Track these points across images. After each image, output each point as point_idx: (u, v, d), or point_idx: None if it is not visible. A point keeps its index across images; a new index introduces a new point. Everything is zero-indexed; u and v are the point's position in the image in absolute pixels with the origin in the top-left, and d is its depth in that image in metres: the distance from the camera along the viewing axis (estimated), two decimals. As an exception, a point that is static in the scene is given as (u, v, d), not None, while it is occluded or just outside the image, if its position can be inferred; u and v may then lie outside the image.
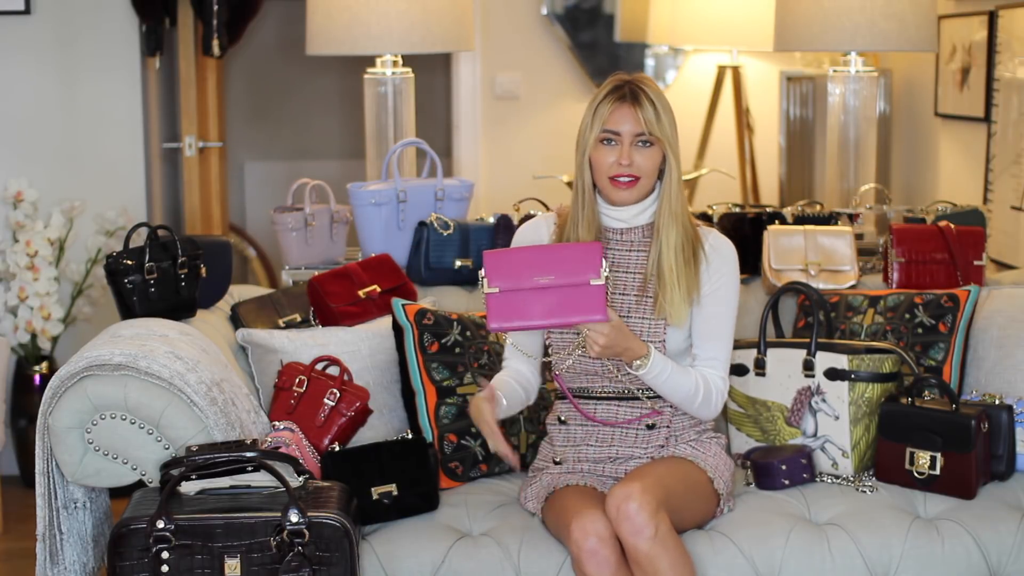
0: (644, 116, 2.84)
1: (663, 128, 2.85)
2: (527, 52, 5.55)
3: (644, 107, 2.84)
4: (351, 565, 2.60)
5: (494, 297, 2.72)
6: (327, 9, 3.95)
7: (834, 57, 4.88)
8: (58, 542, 2.84)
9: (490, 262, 2.73)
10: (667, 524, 2.70)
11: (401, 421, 3.21)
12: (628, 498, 2.68)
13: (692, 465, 2.89)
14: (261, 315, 3.35)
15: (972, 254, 3.51)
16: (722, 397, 2.93)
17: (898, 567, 2.85)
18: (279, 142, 7.02)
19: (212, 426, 2.77)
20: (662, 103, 2.86)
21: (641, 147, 2.86)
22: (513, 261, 2.73)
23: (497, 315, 2.72)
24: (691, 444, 2.94)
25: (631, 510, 2.67)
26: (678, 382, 2.85)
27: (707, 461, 2.91)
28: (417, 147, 3.96)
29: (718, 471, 2.91)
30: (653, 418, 2.92)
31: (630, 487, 2.70)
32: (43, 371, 4.72)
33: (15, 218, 4.64)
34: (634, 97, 2.85)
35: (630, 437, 2.93)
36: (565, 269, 2.71)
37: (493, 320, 2.72)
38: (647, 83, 2.88)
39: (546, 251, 2.77)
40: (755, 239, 3.60)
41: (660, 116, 2.85)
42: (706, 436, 2.98)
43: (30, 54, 4.76)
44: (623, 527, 2.68)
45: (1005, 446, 3.04)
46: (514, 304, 2.72)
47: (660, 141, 2.85)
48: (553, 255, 2.74)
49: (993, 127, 4.28)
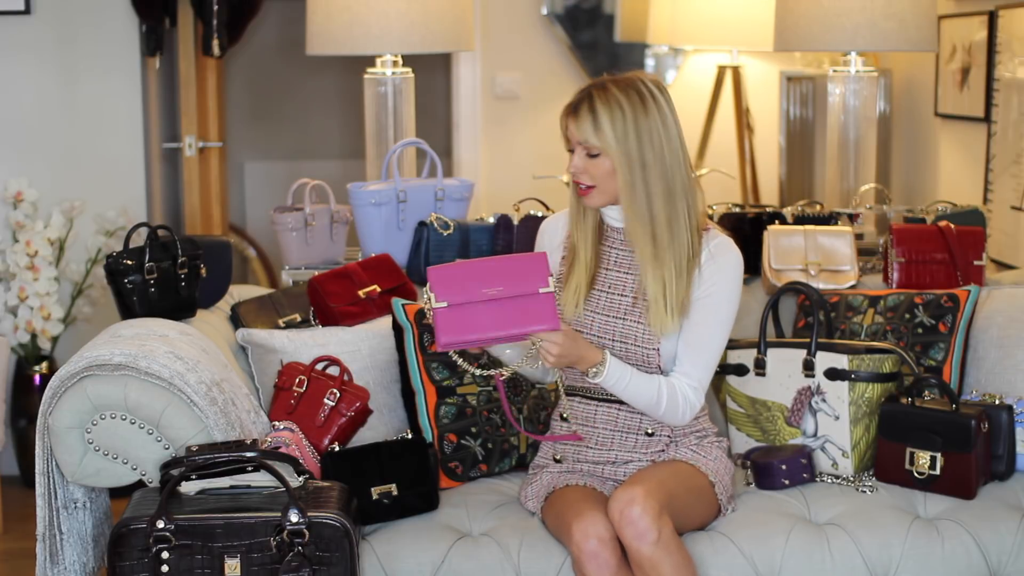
0: (580, 127, 2.80)
1: (604, 138, 2.78)
2: (527, 52, 5.55)
3: (581, 118, 2.79)
4: (351, 565, 2.60)
5: (442, 312, 2.65)
6: (327, 9, 3.95)
7: (834, 57, 4.88)
8: (58, 542, 2.84)
9: (435, 277, 2.68)
10: (670, 528, 2.69)
11: (401, 421, 3.21)
12: (631, 502, 2.67)
13: (693, 469, 2.88)
14: (261, 315, 3.35)
15: (972, 254, 3.51)
16: (691, 408, 2.86)
17: (898, 567, 2.85)
18: (279, 142, 7.02)
19: (212, 426, 2.77)
20: (612, 113, 2.77)
21: (589, 157, 2.82)
22: (459, 275, 2.69)
23: (446, 330, 2.65)
24: (692, 448, 2.93)
25: (634, 514, 2.66)
26: (639, 389, 2.81)
27: (708, 465, 2.90)
28: (417, 147, 3.96)
29: (719, 475, 2.90)
30: (653, 425, 2.92)
31: (633, 491, 2.70)
32: (43, 371, 4.72)
33: (15, 218, 4.64)
34: (576, 108, 2.81)
35: (629, 442, 2.92)
36: (512, 280, 2.69)
37: (443, 335, 2.64)
38: (605, 91, 2.79)
39: (491, 263, 2.74)
40: (755, 239, 3.60)
41: (601, 126, 2.78)
42: (707, 440, 2.97)
43: (30, 54, 4.76)
44: (626, 531, 2.67)
45: (1005, 446, 3.04)
46: (463, 318, 2.66)
47: (604, 152, 2.80)
48: (499, 266, 2.71)
49: (993, 127, 4.28)
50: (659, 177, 2.80)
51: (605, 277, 2.93)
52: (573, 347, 2.73)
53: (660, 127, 2.80)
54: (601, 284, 2.93)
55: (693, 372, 2.86)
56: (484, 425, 3.13)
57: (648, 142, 2.79)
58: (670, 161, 2.81)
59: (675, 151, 2.83)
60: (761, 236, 3.58)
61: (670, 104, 2.85)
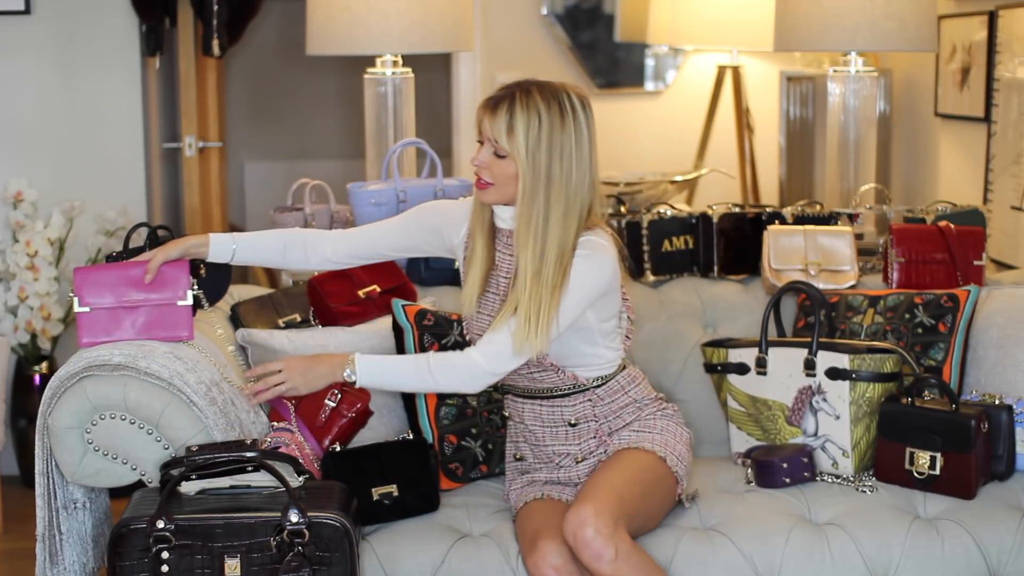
0: (494, 126, 2.73)
1: (515, 143, 2.71)
2: (527, 52, 5.54)
3: (497, 117, 2.72)
4: (351, 565, 2.60)
5: (84, 316, 2.85)
6: (327, 9, 3.95)
7: (834, 57, 4.88)
8: (58, 542, 2.84)
9: (81, 279, 2.86)
10: (627, 542, 2.66)
11: (401, 421, 3.21)
12: (582, 524, 2.64)
13: (640, 453, 2.83)
14: (261, 315, 3.35)
15: (972, 254, 3.51)
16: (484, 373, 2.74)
17: (898, 567, 2.85)
18: (279, 142, 7.03)
19: (212, 426, 2.77)
20: (529, 120, 2.70)
21: (496, 156, 2.76)
22: (104, 279, 2.86)
23: (88, 331, 2.86)
24: (632, 429, 2.89)
25: (588, 536, 2.63)
26: (399, 374, 2.79)
27: (654, 441, 2.85)
28: (417, 147, 3.96)
29: (668, 447, 2.85)
30: (575, 416, 2.89)
31: (583, 512, 2.65)
32: (43, 371, 4.72)
33: (15, 218, 4.64)
34: (495, 104, 2.75)
35: (560, 435, 2.91)
36: (155, 288, 2.86)
37: (84, 336, 2.85)
38: (527, 95, 2.73)
39: (137, 269, 2.87)
40: (755, 239, 3.60)
41: (515, 130, 2.70)
42: (648, 412, 2.92)
43: (30, 54, 4.76)
44: (583, 554, 2.64)
45: (1005, 446, 3.04)
46: (105, 322, 2.86)
47: (511, 156, 2.73)
48: (143, 274, 2.86)
49: (993, 127, 4.28)
50: (561, 194, 2.73)
51: (495, 278, 2.89)
52: (309, 364, 2.83)
53: (574, 144, 2.73)
54: (492, 286, 2.89)
55: (496, 337, 2.74)
56: (484, 426, 3.13)
57: (558, 157, 2.73)
58: (576, 180, 2.74)
59: (584, 171, 2.75)
60: (761, 236, 3.58)
61: (590, 123, 2.77)
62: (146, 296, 2.86)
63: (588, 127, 2.77)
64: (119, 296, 2.86)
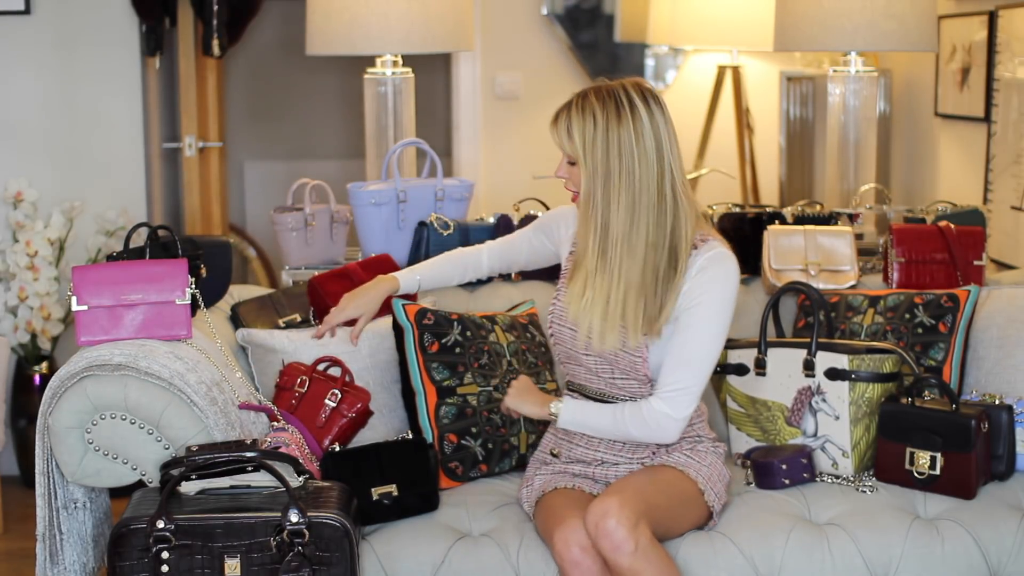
0: (558, 134, 2.80)
1: (574, 147, 2.76)
2: (527, 52, 5.55)
3: (559, 126, 2.80)
4: (351, 565, 2.60)
5: (82, 315, 2.86)
6: (327, 9, 3.95)
7: (834, 57, 4.88)
8: (58, 542, 2.84)
9: (79, 278, 2.87)
10: (647, 537, 2.66)
11: (401, 421, 3.21)
12: (606, 515, 2.64)
13: (681, 474, 2.85)
14: (261, 315, 3.35)
15: (972, 254, 3.51)
16: (674, 422, 2.79)
17: (898, 567, 2.85)
18: (279, 142, 7.02)
19: (212, 426, 2.77)
20: (584, 122, 2.74)
21: (570, 164, 2.83)
22: (102, 278, 2.87)
23: (86, 330, 2.87)
24: (685, 453, 2.90)
25: (609, 527, 2.63)
26: (596, 424, 2.85)
27: (700, 471, 2.86)
28: (417, 147, 3.96)
29: (710, 481, 2.86)
30: None
31: (607, 503, 2.66)
32: (43, 371, 4.72)
33: (15, 218, 4.65)
34: (557, 115, 2.80)
35: (617, 445, 2.91)
36: (153, 287, 2.87)
37: (83, 334, 2.86)
38: (584, 99, 2.76)
39: (136, 269, 2.90)
40: (755, 239, 3.60)
41: (572, 135, 2.76)
42: (702, 446, 2.93)
43: (30, 54, 4.76)
44: (603, 544, 2.65)
45: (1005, 446, 3.04)
46: (103, 320, 2.86)
47: (576, 160, 2.78)
48: (142, 272, 2.89)
49: (993, 127, 4.28)
50: (624, 189, 2.74)
51: None
52: (525, 394, 2.91)
53: (633, 139, 2.73)
54: None
55: (674, 384, 2.79)
56: (484, 425, 3.13)
57: (616, 153, 2.73)
58: (641, 174, 2.73)
59: (650, 164, 2.73)
60: (761, 236, 3.58)
61: (653, 116, 2.75)
62: (144, 295, 2.86)
63: (651, 120, 2.74)
64: (117, 295, 2.86)
